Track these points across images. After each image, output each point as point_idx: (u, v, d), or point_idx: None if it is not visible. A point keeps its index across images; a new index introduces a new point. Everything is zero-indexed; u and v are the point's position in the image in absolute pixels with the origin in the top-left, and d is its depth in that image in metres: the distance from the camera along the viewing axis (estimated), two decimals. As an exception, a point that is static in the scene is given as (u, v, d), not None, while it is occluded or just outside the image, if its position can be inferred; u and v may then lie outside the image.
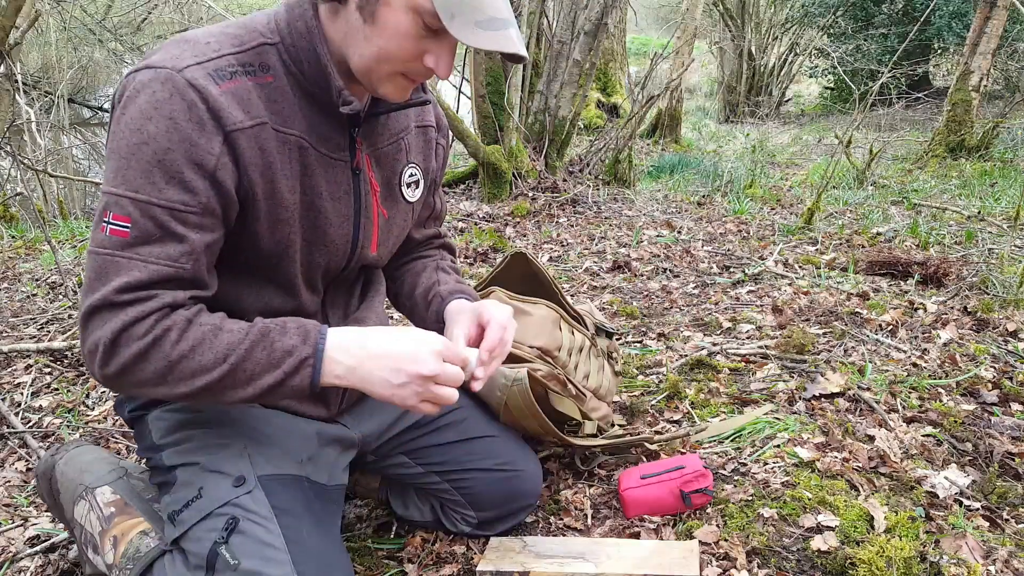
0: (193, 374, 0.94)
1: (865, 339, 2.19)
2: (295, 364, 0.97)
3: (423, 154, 1.25)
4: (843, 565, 1.22)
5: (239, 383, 0.96)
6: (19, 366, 2.26)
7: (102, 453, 1.37)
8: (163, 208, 0.93)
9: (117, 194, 0.92)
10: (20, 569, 1.40)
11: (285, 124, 1.02)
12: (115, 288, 0.92)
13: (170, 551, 1.11)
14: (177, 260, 0.94)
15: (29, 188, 5.28)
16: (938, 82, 12.14)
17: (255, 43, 1.00)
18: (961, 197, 4.67)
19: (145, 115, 0.92)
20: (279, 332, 0.98)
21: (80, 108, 10.46)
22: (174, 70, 0.93)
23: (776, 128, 9.76)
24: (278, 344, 0.97)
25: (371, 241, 1.18)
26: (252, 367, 0.96)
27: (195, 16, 9.88)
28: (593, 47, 4.78)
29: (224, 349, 0.95)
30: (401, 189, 1.21)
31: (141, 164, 0.92)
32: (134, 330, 0.92)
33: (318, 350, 0.98)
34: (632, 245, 3.63)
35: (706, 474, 1.40)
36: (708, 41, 13.34)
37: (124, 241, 0.92)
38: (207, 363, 0.94)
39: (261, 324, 0.98)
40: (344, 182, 1.10)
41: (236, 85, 0.96)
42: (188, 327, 0.94)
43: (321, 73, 1.01)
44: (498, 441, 1.37)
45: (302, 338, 0.98)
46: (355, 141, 1.10)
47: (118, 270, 0.92)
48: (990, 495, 1.43)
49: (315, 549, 1.07)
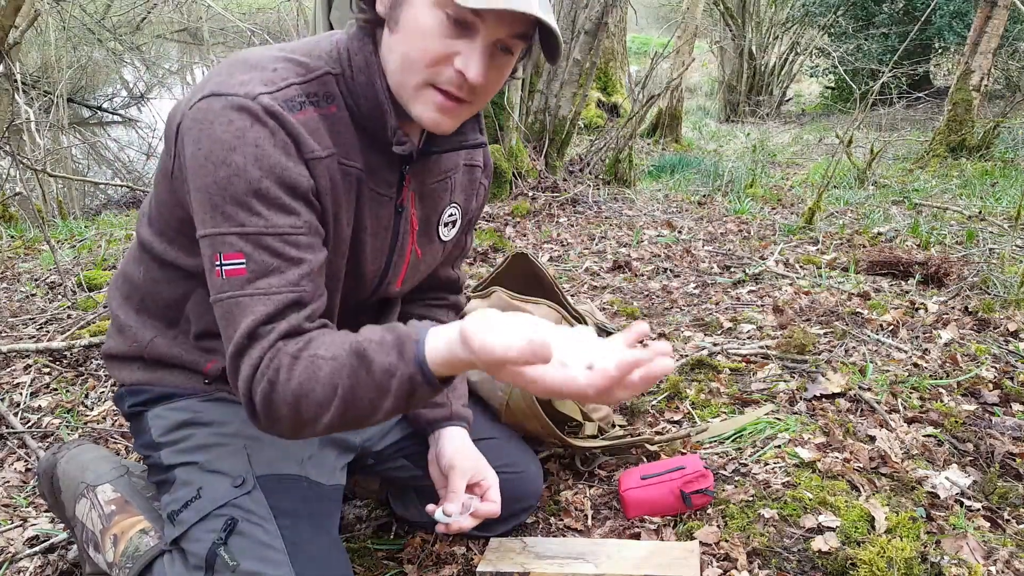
0: (318, 414, 0.88)
1: (866, 339, 2.19)
2: (405, 387, 0.86)
3: (466, 193, 1.22)
4: (844, 566, 1.22)
5: (365, 411, 0.88)
6: (18, 366, 2.26)
7: (103, 451, 1.36)
8: (273, 236, 0.90)
9: (222, 233, 0.89)
10: (19, 570, 1.40)
11: (348, 156, 0.99)
12: (247, 330, 0.88)
13: (169, 551, 1.11)
14: (298, 284, 0.91)
15: (28, 188, 5.28)
16: (939, 82, 12.13)
17: (320, 72, 0.97)
18: (962, 197, 4.67)
19: (228, 146, 0.88)
20: (376, 349, 0.86)
21: (79, 108, 10.45)
22: (247, 97, 0.89)
23: (777, 127, 9.76)
24: (376, 365, 0.85)
25: (398, 278, 1.17)
26: (364, 393, 0.86)
27: (195, 15, 9.88)
28: (593, 46, 4.78)
29: (328, 380, 0.86)
30: (438, 228, 1.18)
31: (237, 198, 0.88)
32: (256, 375, 0.89)
33: (419, 364, 0.85)
34: (632, 245, 3.63)
35: (707, 474, 1.39)
36: (709, 40, 13.33)
37: (243, 279, 0.89)
38: (322, 399, 0.87)
39: (354, 344, 0.87)
40: (386, 218, 1.08)
41: (306, 116, 0.94)
42: (295, 364, 0.87)
43: (378, 110, 0.97)
44: (499, 443, 1.37)
45: (398, 351, 0.86)
46: (404, 178, 1.07)
47: (243, 311, 0.89)
48: (991, 495, 1.43)
49: (314, 550, 1.07)
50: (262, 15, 12.06)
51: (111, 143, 9.88)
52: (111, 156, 9.22)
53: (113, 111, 10.90)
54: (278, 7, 10.59)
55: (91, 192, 7.19)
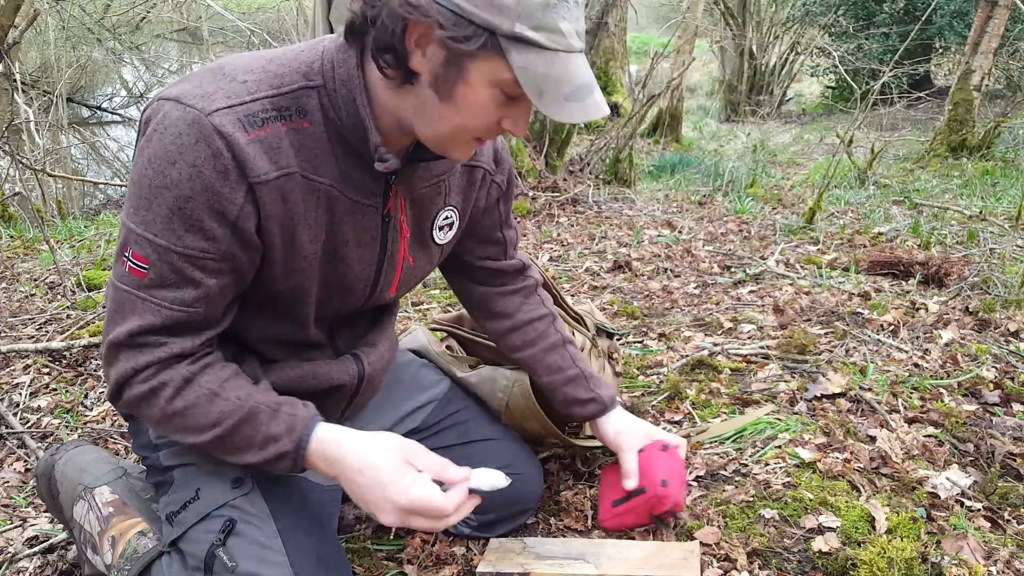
0: (184, 431, 0.99)
1: (867, 339, 2.18)
2: (275, 454, 0.98)
3: (463, 194, 1.19)
4: (844, 566, 1.21)
5: (227, 451, 1.00)
6: (17, 366, 2.26)
7: (101, 453, 1.36)
8: (180, 255, 0.92)
9: (138, 232, 0.92)
10: (19, 570, 1.40)
11: (316, 172, 0.97)
12: (129, 331, 0.94)
13: (168, 552, 1.11)
14: (191, 305, 0.95)
15: (27, 188, 5.28)
16: (939, 81, 12.13)
17: (296, 86, 0.95)
18: (963, 197, 4.67)
19: (168, 158, 0.89)
20: (268, 416, 0.99)
21: (79, 107, 10.45)
22: (203, 113, 0.88)
23: (777, 127, 9.76)
24: (263, 428, 0.98)
25: (391, 286, 1.15)
26: (238, 442, 0.98)
27: (194, 15, 9.88)
28: (594, 46, 4.78)
29: (214, 417, 0.97)
30: (432, 232, 1.17)
31: (162, 209, 0.90)
32: (138, 376, 0.96)
33: (299, 447, 0.98)
34: (633, 245, 3.62)
35: (666, 496, 1.31)
36: (709, 40, 13.32)
37: (141, 282, 0.93)
38: (196, 426, 0.98)
39: (253, 403, 0.99)
40: (372, 228, 1.06)
41: (267, 132, 0.92)
42: (185, 387, 0.96)
43: (359, 125, 0.96)
44: (499, 444, 1.37)
45: (287, 428, 0.98)
46: (390, 187, 1.05)
47: (133, 310, 0.94)
48: (991, 496, 1.42)
49: (313, 550, 1.06)
50: (262, 15, 12.06)
51: (110, 143, 9.88)
52: (110, 156, 9.22)
53: (112, 111, 10.90)
54: (278, 7, 10.59)
55: (90, 192, 7.19)
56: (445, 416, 1.37)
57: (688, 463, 1.59)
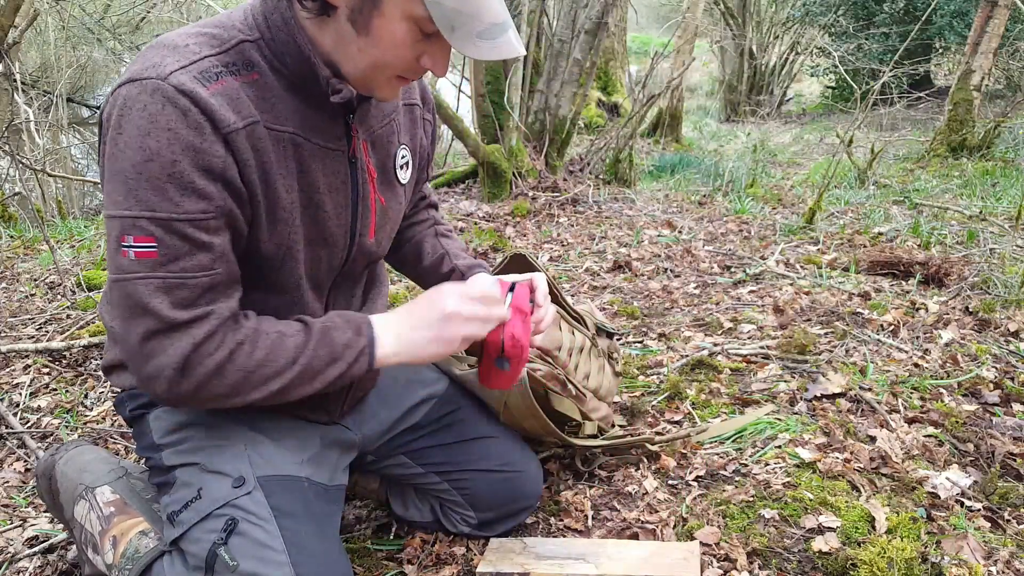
0: (267, 380, 0.99)
1: (867, 339, 2.19)
2: (355, 355, 1.03)
3: (410, 133, 1.24)
4: (844, 566, 1.21)
5: (307, 379, 1.02)
6: (17, 366, 2.26)
7: (102, 453, 1.36)
8: (184, 221, 0.91)
9: (132, 216, 0.91)
10: (19, 570, 1.40)
11: (277, 121, 0.99)
12: (168, 310, 0.92)
13: (169, 552, 1.11)
14: (211, 268, 0.95)
15: (27, 188, 5.28)
16: (939, 81, 12.12)
17: (235, 41, 0.97)
18: (963, 197, 4.66)
19: (142, 131, 0.89)
20: (335, 329, 1.04)
21: (79, 107, 10.45)
22: (159, 78, 0.90)
23: (777, 127, 9.76)
24: (337, 340, 1.03)
25: (368, 229, 1.16)
26: (319, 365, 1.02)
27: (194, 15, 9.87)
28: (594, 46, 4.77)
29: (293, 352, 1.00)
30: (396, 172, 1.20)
31: (152, 182, 0.90)
32: (206, 347, 0.95)
33: (371, 338, 1.04)
34: (633, 245, 3.63)
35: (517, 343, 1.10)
36: (709, 40, 13.32)
37: (155, 261, 0.91)
38: (279, 369, 0.99)
39: (319, 324, 1.04)
40: (341, 171, 1.08)
41: (224, 86, 0.94)
42: (258, 337, 0.99)
43: (306, 65, 0.98)
44: (498, 442, 1.37)
45: (355, 331, 1.04)
46: (351, 128, 1.07)
47: (159, 291, 0.92)
48: (991, 496, 1.42)
49: (314, 550, 1.06)
50: (262, 15, 12.01)
51: (111, 143, 9.84)
52: (111, 156, 9.18)
53: (113, 111, 10.85)
54: (278, 7, 10.53)
55: (90, 192, 7.19)
56: (445, 414, 1.37)
57: (688, 463, 1.59)
